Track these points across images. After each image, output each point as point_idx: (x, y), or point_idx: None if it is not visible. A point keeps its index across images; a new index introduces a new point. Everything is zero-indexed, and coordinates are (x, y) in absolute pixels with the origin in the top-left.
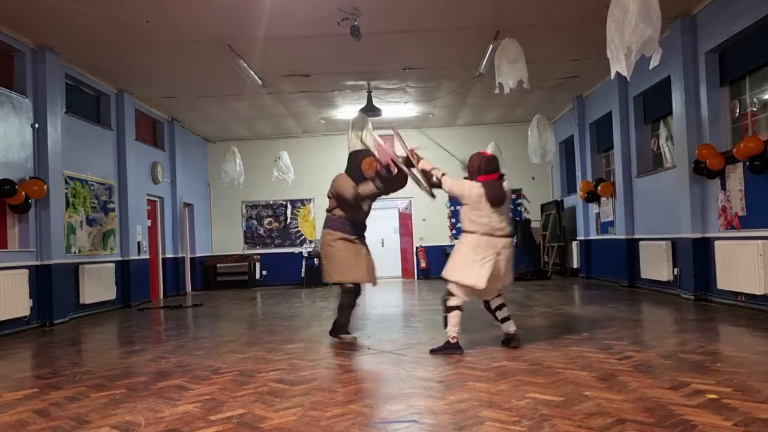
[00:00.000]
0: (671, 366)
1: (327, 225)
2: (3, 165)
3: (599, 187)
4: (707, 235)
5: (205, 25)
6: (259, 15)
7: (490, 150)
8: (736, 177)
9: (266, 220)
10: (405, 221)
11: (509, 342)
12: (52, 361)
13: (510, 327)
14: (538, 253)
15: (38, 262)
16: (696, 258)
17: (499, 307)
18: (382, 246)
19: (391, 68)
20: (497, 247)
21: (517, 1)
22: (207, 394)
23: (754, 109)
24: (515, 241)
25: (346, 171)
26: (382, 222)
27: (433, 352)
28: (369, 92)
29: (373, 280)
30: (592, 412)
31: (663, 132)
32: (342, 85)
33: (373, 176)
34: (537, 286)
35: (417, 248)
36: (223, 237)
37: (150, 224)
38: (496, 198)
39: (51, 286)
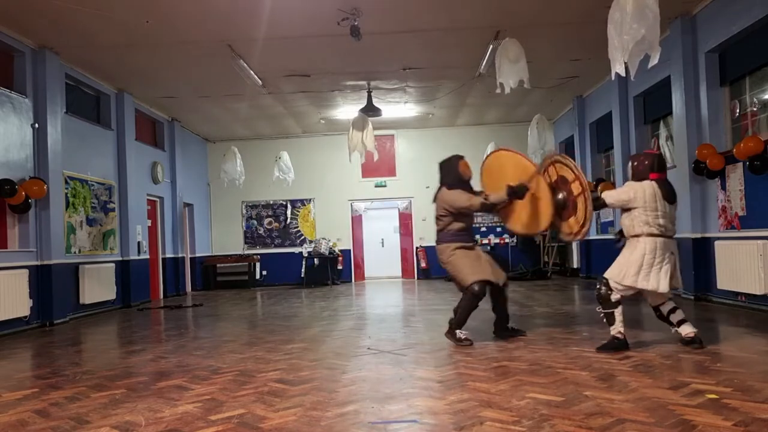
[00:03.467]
0: (671, 366)
1: (442, 240)
2: (3, 165)
3: (599, 188)
4: (707, 235)
5: (205, 25)
6: (259, 15)
7: (490, 150)
8: (736, 177)
9: (266, 220)
10: (405, 221)
11: (691, 343)
12: (52, 361)
13: (688, 329)
14: (538, 253)
15: (38, 262)
16: (696, 258)
17: (672, 311)
18: (382, 246)
19: (391, 68)
20: (671, 248)
21: (517, 1)
22: (207, 394)
23: (754, 109)
24: (515, 240)
25: (444, 182)
26: (382, 222)
27: (600, 350)
28: (369, 92)
29: (502, 278)
30: (592, 412)
31: (663, 132)
32: (342, 85)
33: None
34: (537, 286)
35: (417, 248)
36: (223, 237)
37: (150, 224)
38: (670, 193)
39: (51, 286)
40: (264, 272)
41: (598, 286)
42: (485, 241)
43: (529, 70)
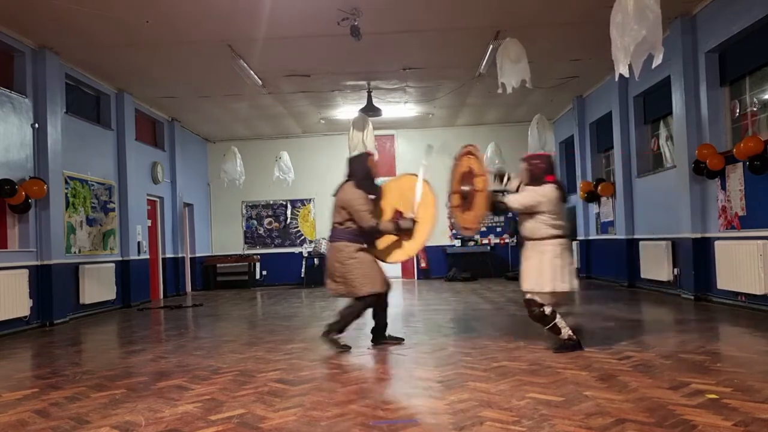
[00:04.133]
0: (671, 366)
1: (341, 238)
2: (3, 165)
3: (599, 187)
4: (707, 235)
5: (205, 25)
6: (259, 15)
7: (490, 150)
8: (736, 177)
9: (266, 220)
10: None
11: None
12: (52, 361)
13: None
14: None
15: (38, 262)
16: (696, 258)
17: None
18: None
19: (391, 68)
20: (569, 247)
21: (517, 1)
22: (207, 394)
23: (754, 109)
24: (515, 241)
25: (352, 178)
26: None
27: (557, 351)
28: (369, 92)
29: (391, 286)
30: (592, 412)
31: (663, 132)
32: (342, 85)
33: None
34: None
35: None
36: (223, 237)
37: (150, 224)
38: (565, 195)
39: (51, 286)
40: (264, 272)
41: (529, 309)
42: (485, 241)
43: (529, 70)
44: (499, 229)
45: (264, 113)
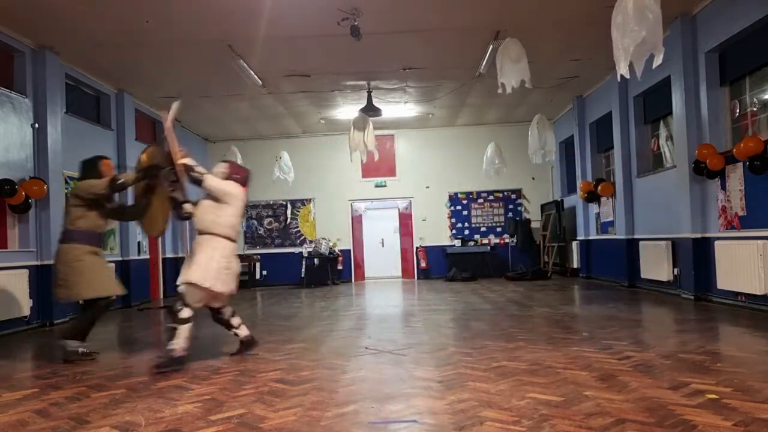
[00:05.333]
0: (671, 366)
1: (71, 239)
2: (3, 165)
3: (599, 187)
4: (707, 235)
5: (205, 25)
6: (259, 15)
7: (490, 150)
8: (736, 177)
9: (266, 220)
10: (405, 221)
11: (249, 346)
12: (52, 361)
13: (244, 331)
14: (538, 253)
15: (38, 262)
16: (696, 258)
17: (234, 314)
18: (382, 246)
19: (391, 68)
20: (235, 252)
21: (517, 1)
22: (207, 394)
23: (754, 109)
24: (515, 241)
25: (87, 179)
26: (382, 222)
27: (158, 367)
28: (369, 92)
29: (120, 290)
30: (592, 412)
31: (663, 132)
32: (342, 85)
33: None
34: (537, 286)
35: (417, 248)
36: None
37: None
38: (245, 210)
39: (51, 286)
40: (264, 272)
41: (176, 302)
42: (485, 241)
43: (529, 70)
44: (499, 229)
45: (264, 113)
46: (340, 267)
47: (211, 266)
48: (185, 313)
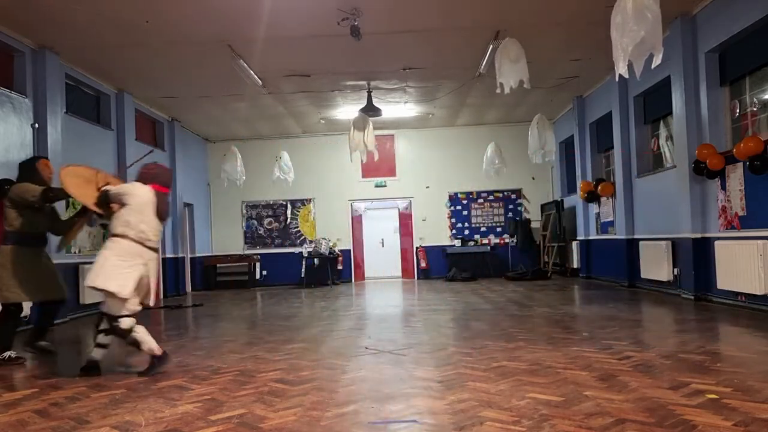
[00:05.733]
0: (671, 366)
1: (6, 240)
2: (3, 165)
3: (599, 187)
4: (707, 235)
5: (205, 25)
6: (259, 15)
7: (490, 150)
8: (736, 177)
9: (266, 220)
10: (405, 221)
11: (90, 370)
12: (52, 361)
13: (99, 354)
14: (538, 253)
15: None
16: (696, 258)
17: (106, 332)
18: (382, 246)
19: (391, 68)
20: (144, 257)
21: (517, 1)
22: (207, 394)
23: (754, 109)
24: (515, 241)
25: (24, 181)
26: (382, 222)
27: (143, 374)
28: (369, 92)
29: (58, 294)
30: (592, 412)
31: (663, 132)
32: (342, 85)
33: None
34: (537, 286)
35: (417, 248)
36: (223, 237)
37: None
38: (165, 212)
39: None
40: (264, 272)
41: (113, 325)
42: (485, 241)
43: (529, 70)
44: (499, 229)
45: (264, 113)
46: (340, 267)
47: (105, 266)
48: (125, 323)
